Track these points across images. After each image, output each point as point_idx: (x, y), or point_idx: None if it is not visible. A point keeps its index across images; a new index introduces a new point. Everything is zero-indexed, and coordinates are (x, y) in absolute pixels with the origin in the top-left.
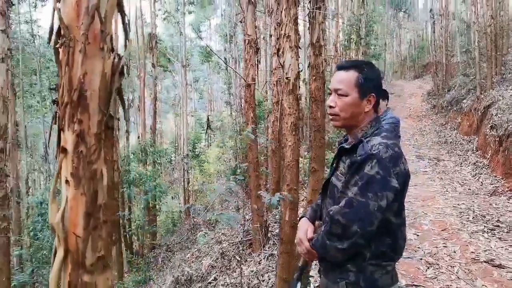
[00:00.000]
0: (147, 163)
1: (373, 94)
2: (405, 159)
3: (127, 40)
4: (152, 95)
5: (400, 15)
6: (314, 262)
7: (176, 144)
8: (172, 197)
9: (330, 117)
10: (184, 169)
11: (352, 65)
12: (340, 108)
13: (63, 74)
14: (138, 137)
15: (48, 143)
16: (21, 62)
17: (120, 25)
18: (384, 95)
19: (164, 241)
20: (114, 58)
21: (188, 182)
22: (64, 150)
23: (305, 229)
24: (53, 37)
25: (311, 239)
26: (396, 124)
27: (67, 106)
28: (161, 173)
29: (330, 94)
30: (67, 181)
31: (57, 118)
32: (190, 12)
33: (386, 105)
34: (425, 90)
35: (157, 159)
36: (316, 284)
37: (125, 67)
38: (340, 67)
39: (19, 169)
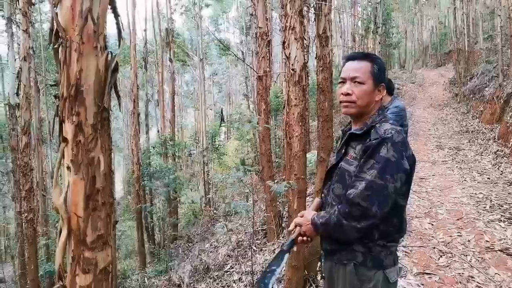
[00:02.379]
0: (167, 156)
1: (383, 84)
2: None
3: (120, 39)
4: (171, 89)
5: (421, 1)
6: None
7: (197, 138)
8: (191, 189)
9: (345, 104)
10: (203, 162)
11: (364, 56)
12: (357, 96)
13: (61, 72)
14: (158, 131)
15: (52, 134)
16: (44, 60)
17: (138, 24)
18: (389, 85)
19: (185, 232)
20: (107, 55)
21: (208, 175)
22: (65, 140)
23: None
24: (52, 38)
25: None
26: (399, 113)
27: (66, 100)
28: (181, 166)
29: (341, 83)
30: (68, 167)
31: (58, 111)
32: (207, 6)
33: (392, 94)
34: (447, 78)
35: (176, 152)
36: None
37: (118, 64)
38: (351, 58)
39: (45, 164)
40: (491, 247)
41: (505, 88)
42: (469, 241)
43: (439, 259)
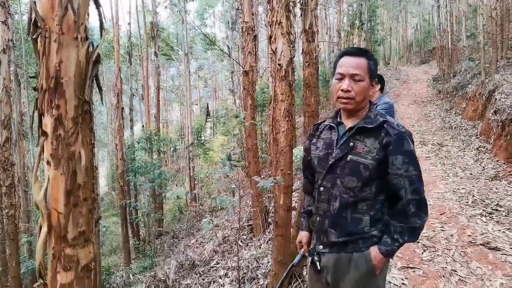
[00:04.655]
0: (152, 152)
1: (376, 80)
2: None
3: (102, 30)
4: (156, 84)
5: None
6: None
7: (182, 133)
8: (176, 185)
9: (344, 100)
10: (189, 157)
11: (361, 52)
12: (356, 92)
13: (40, 63)
14: (143, 126)
15: (32, 127)
16: (25, 52)
17: (121, 18)
18: (382, 82)
19: (171, 228)
20: (89, 47)
21: (193, 170)
22: (44, 133)
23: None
24: (31, 28)
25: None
26: (388, 109)
27: (45, 93)
28: (166, 161)
29: (340, 79)
30: (48, 162)
31: (37, 104)
32: (192, 0)
33: (382, 90)
34: (431, 75)
35: (161, 147)
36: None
37: (100, 56)
38: (350, 53)
39: (26, 159)
40: (473, 241)
41: (487, 85)
42: (452, 235)
43: (422, 253)
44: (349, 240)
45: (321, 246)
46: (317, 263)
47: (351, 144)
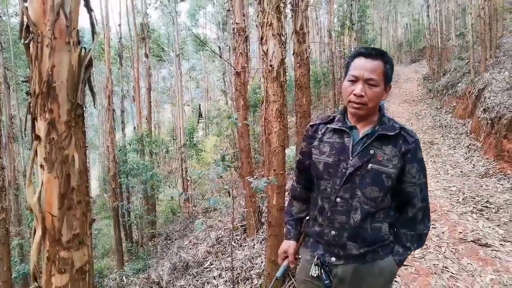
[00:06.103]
0: (144, 153)
1: (390, 85)
2: None
3: (94, 34)
4: (147, 85)
5: None
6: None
7: (174, 134)
8: (169, 186)
9: (356, 105)
10: (181, 159)
11: (378, 54)
12: (369, 98)
13: (33, 68)
14: (134, 128)
15: (25, 131)
16: (14, 55)
17: (111, 19)
18: None
19: (164, 229)
20: (81, 51)
21: (186, 171)
22: (37, 137)
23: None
24: (23, 33)
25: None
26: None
27: (38, 97)
28: (159, 163)
29: (353, 81)
30: (41, 166)
31: (30, 108)
32: (183, 0)
33: None
34: (421, 74)
35: (153, 149)
36: None
37: (92, 59)
38: (366, 54)
39: (17, 162)
40: (464, 238)
41: (476, 84)
42: (443, 232)
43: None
44: (369, 250)
45: (333, 259)
46: (324, 274)
47: (372, 151)
